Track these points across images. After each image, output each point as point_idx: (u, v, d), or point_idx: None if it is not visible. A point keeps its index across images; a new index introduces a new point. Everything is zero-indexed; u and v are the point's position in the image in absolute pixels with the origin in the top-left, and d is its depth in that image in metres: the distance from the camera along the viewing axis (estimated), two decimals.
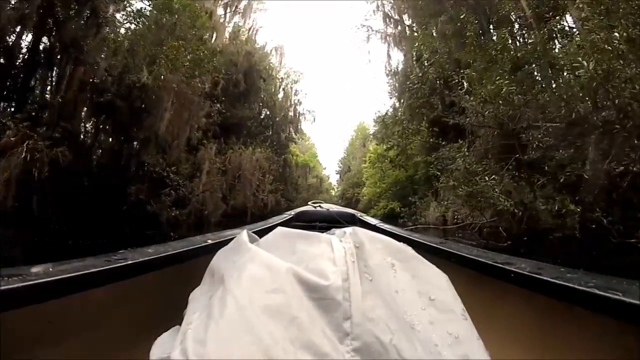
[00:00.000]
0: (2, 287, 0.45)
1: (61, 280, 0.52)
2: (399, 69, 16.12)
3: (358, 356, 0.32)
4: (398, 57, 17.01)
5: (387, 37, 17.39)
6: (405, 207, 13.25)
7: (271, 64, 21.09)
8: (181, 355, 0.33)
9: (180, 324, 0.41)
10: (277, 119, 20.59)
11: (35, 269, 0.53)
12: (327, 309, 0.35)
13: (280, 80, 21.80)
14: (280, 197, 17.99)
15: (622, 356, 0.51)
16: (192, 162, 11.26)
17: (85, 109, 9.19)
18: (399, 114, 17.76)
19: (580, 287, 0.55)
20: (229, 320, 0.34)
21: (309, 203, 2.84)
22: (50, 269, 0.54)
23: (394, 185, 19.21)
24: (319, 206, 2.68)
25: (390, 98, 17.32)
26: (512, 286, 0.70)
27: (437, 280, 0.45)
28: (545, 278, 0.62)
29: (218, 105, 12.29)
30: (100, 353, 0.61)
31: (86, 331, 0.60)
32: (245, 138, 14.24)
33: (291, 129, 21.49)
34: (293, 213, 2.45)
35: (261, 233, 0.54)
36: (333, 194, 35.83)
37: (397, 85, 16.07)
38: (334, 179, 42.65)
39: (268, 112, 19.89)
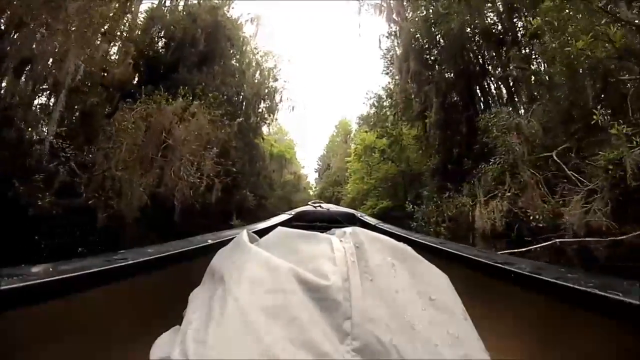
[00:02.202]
0: (2, 287, 0.45)
1: (61, 280, 0.52)
2: (400, 36, 13.23)
3: (358, 356, 0.32)
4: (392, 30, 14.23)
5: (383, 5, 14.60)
6: (416, 206, 9.86)
7: (245, 37, 17.82)
8: (181, 355, 0.33)
9: (180, 324, 0.40)
10: (249, 96, 16.88)
11: (35, 269, 0.53)
12: (327, 309, 0.34)
13: (257, 61, 18.52)
14: (247, 192, 14.46)
15: (622, 356, 0.51)
16: (104, 128, 7.36)
17: None
18: (395, 95, 14.92)
19: (581, 288, 0.54)
20: (229, 320, 0.33)
21: (309, 203, 2.77)
22: (50, 269, 0.54)
23: (384, 182, 16.25)
24: (319, 206, 2.62)
25: (387, 73, 14.46)
26: (512, 286, 0.69)
27: (437, 280, 0.44)
28: (545, 278, 0.61)
29: None
30: (100, 353, 0.60)
31: (86, 331, 0.59)
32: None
33: (264, 109, 17.86)
34: (293, 213, 2.39)
35: (261, 233, 0.55)
36: (311, 193, 33.26)
37: (398, 50, 13.23)
38: (312, 178, 40.27)
39: (236, 89, 15.99)
